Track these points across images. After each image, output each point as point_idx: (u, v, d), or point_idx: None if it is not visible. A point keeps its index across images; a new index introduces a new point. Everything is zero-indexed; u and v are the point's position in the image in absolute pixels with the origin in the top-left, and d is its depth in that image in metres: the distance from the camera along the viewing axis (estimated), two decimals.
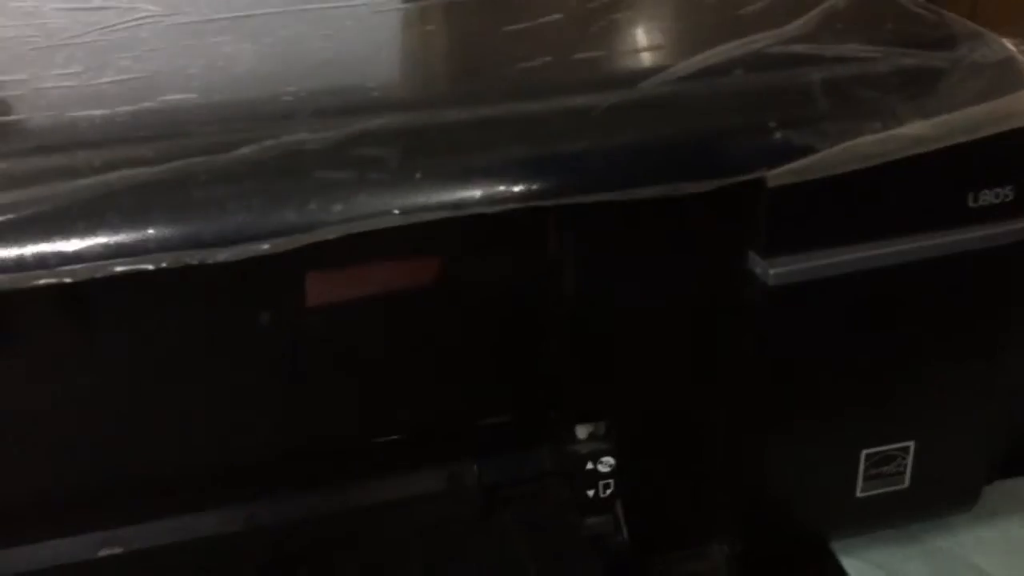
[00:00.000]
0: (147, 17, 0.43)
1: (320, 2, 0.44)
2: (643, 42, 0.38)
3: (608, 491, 0.41)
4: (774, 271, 0.34)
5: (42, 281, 0.28)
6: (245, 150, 0.31)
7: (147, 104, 0.34)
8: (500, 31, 0.40)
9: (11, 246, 0.29)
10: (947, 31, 0.38)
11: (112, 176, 0.30)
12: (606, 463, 0.41)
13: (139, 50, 0.39)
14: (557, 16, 0.41)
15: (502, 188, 0.31)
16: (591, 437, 0.41)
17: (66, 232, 0.29)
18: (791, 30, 0.38)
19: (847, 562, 0.43)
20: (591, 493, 0.41)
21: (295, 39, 0.40)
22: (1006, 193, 0.36)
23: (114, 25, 0.42)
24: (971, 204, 0.35)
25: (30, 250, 0.29)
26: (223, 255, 0.30)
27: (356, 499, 0.42)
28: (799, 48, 0.36)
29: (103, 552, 0.40)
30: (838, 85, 0.35)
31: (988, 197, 0.35)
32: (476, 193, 0.31)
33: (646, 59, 0.36)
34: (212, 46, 0.39)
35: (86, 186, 0.30)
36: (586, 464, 0.41)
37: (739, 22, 0.40)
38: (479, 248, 0.36)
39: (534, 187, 0.32)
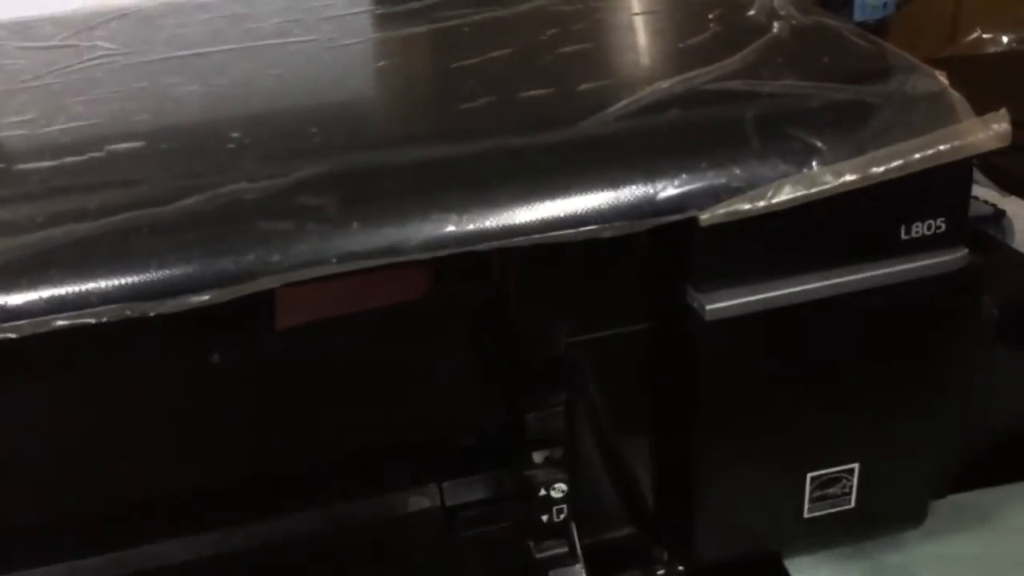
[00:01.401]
0: (103, 56, 0.44)
1: (274, 38, 0.45)
2: (586, 79, 0.38)
3: (562, 516, 0.42)
4: (710, 306, 0.35)
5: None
6: (187, 201, 0.32)
7: (94, 154, 0.35)
8: (448, 68, 0.41)
9: None
10: (882, 64, 0.38)
11: (55, 231, 0.31)
12: (559, 489, 0.42)
13: (92, 93, 0.40)
14: (506, 51, 0.42)
15: (436, 234, 0.32)
16: (546, 462, 0.42)
17: (9, 288, 0.30)
18: (731, 64, 0.39)
19: None
20: (545, 518, 0.42)
21: (245, 79, 0.41)
22: (938, 225, 0.36)
23: (70, 66, 0.43)
24: (903, 236, 0.36)
25: None
26: (164, 307, 0.31)
27: (318, 522, 0.44)
28: (736, 84, 0.37)
29: None
30: (770, 123, 0.35)
31: (920, 229, 0.36)
32: (412, 240, 0.32)
33: (587, 97, 0.37)
34: (163, 89, 0.40)
35: (28, 242, 0.30)
36: (539, 490, 0.42)
37: (682, 55, 0.41)
38: (436, 279, 0.37)
39: (468, 231, 0.33)
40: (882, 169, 0.34)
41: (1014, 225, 0.51)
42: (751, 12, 0.44)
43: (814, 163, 0.35)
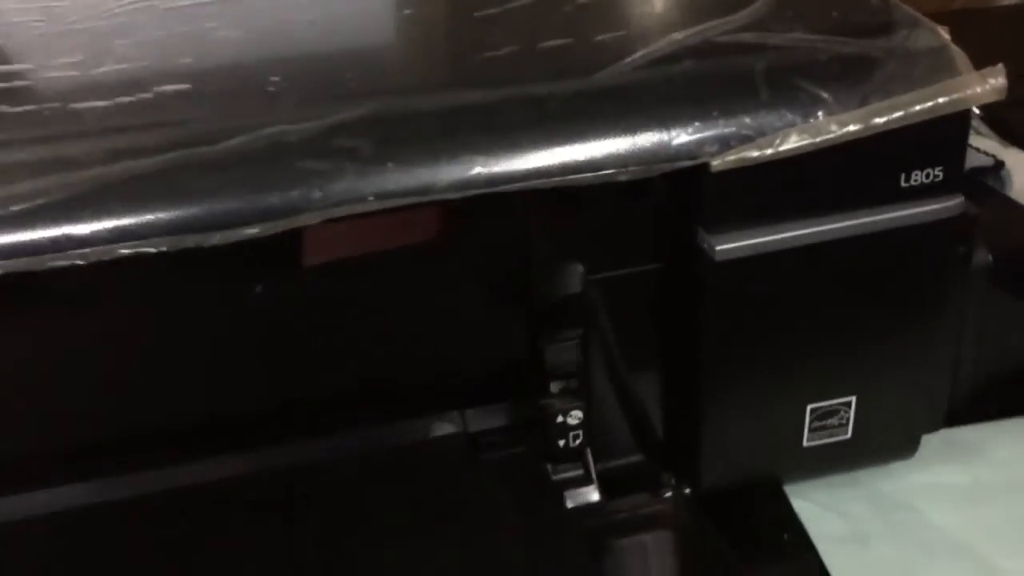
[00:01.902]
0: (144, 1, 0.46)
1: None
2: (604, 31, 0.40)
3: (577, 441, 0.45)
4: (719, 247, 0.38)
5: (58, 264, 0.32)
6: (233, 141, 0.34)
7: (143, 95, 0.37)
8: (472, 16, 0.43)
9: (28, 231, 0.32)
10: (886, 18, 0.40)
11: (115, 167, 0.33)
12: (575, 416, 0.45)
13: (137, 36, 0.42)
14: (528, 1, 0.44)
15: (464, 176, 0.35)
16: (562, 392, 0.45)
17: (74, 219, 0.32)
18: (743, 16, 0.41)
19: (796, 503, 0.47)
20: (562, 443, 0.45)
21: (280, 25, 0.43)
22: (936, 174, 0.39)
23: (112, 10, 0.45)
24: (903, 184, 0.39)
25: (44, 235, 0.32)
26: (217, 239, 0.33)
27: (351, 447, 0.47)
28: (747, 37, 0.39)
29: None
30: (779, 74, 0.37)
31: (919, 177, 0.38)
32: (442, 180, 0.35)
33: (605, 48, 0.39)
34: (204, 33, 0.42)
35: (90, 176, 0.33)
36: (557, 417, 0.45)
37: (697, 7, 0.42)
38: (461, 217, 0.40)
39: (494, 173, 0.35)
40: (883, 120, 0.36)
41: (1012, 176, 0.53)
42: None
43: (820, 113, 0.37)
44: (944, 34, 0.39)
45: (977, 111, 0.72)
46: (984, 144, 0.58)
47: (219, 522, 0.43)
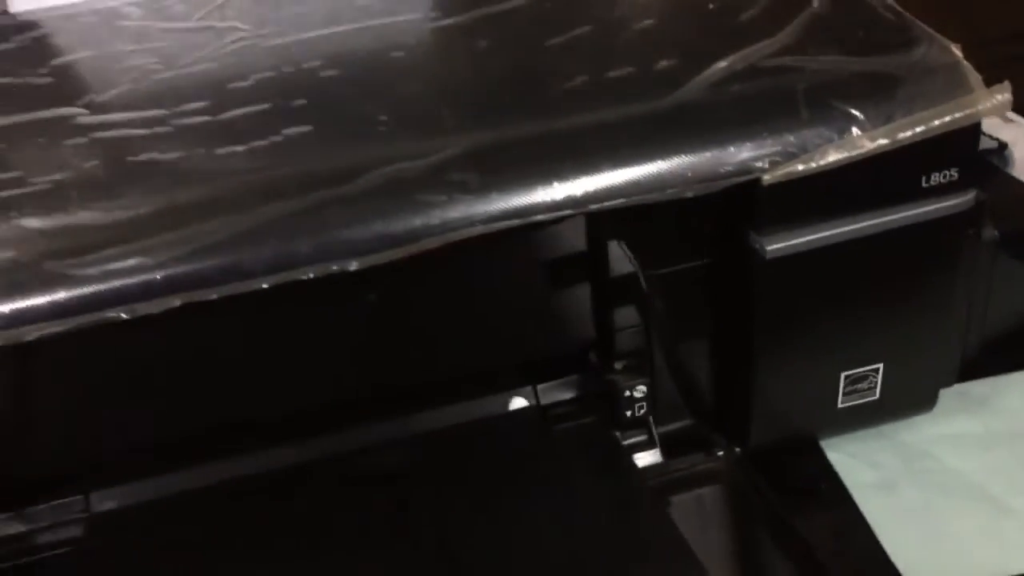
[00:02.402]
0: (243, 39, 0.52)
1: (383, 16, 0.53)
2: (660, 58, 0.46)
3: (642, 411, 0.52)
4: (770, 248, 0.44)
5: (229, 293, 0.39)
6: (361, 180, 0.41)
7: (274, 138, 0.43)
8: (543, 46, 0.48)
9: (202, 265, 0.39)
10: (906, 38, 0.46)
11: (268, 207, 0.40)
12: (640, 390, 0.52)
13: (250, 78, 0.48)
14: (587, 28, 0.49)
15: (555, 199, 0.41)
16: (627, 368, 0.52)
17: (240, 251, 0.39)
18: (781, 39, 0.47)
19: (831, 455, 0.54)
20: (629, 413, 0.52)
21: (372, 60, 0.49)
22: (951, 174, 0.45)
23: (218, 49, 0.51)
24: (924, 184, 0.45)
25: (216, 267, 0.39)
26: (358, 264, 0.40)
27: (440, 423, 0.53)
28: (787, 60, 0.45)
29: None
30: (816, 95, 0.43)
31: (937, 178, 0.45)
32: (537, 206, 0.41)
33: (663, 76, 0.45)
34: (309, 73, 0.48)
35: (254, 215, 0.39)
36: (624, 392, 0.51)
37: (739, 30, 0.48)
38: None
39: (579, 197, 0.41)
40: (908, 134, 0.43)
41: (1014, 155, 0.59)
42: None
43: (853, 129, 0.43)
44: (956, 51, 0.45)
45: None
46: (986, 123, 0.64)
47: (337, 495, 0.50)
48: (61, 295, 0.38)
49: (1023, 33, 0.96)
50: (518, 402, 0.55)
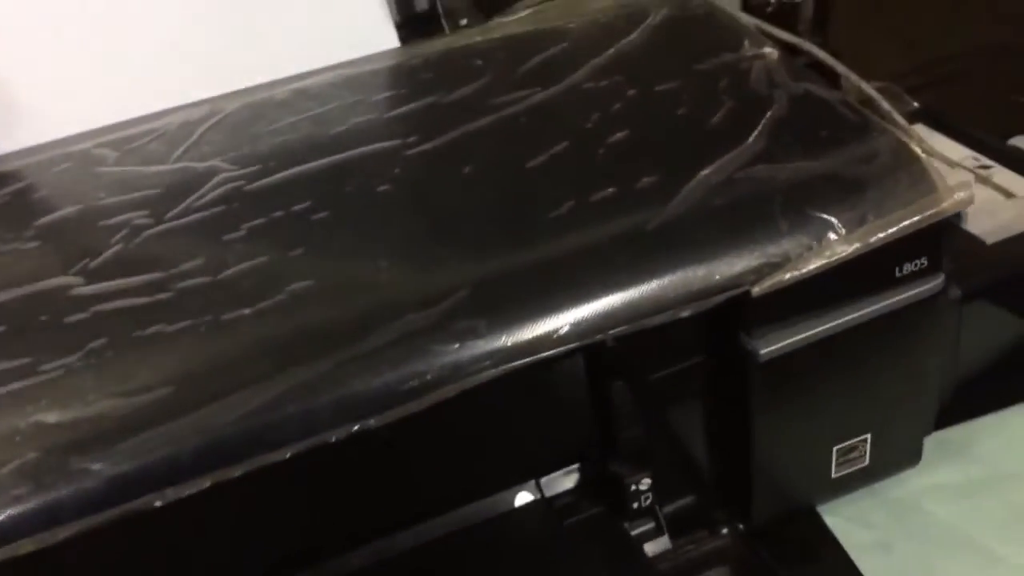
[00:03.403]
0: (228, 181, 0.52)
1: (362, 144, 0.54)
2: (641, 174, 0.48)
3: (647, 501, 0.54)
4: (763, 351, 0.47)
5: (261, 464, 0.40)
6: (374, 337, 0.42)
7: (279, 297, 0.44)
8: (524, 168, 0.50)
9: (232, 440, 0.40)
10: (867, 134, 0.49)
11: (294, 371, 0.41)
12: (645, 482, 0.54)
13: (242, 228, 0.49)
14: (564, 144, 0.51)
15: (561, 335, 0.43)
16: (631, 462, 0.54)
17: (271, 414, 0.40)
18: (750, 147, 0.49)
19: (828, 519, 0.57)
20: (635, 505, 0.54)
21: (360, 197, 0.50)
22: (921, 262, 0.48)
23: (202, 195, 0.51)
24: (897, 274, 0.48)
25: (239, 441, 0.40)
26: (371, 422, 0.41)
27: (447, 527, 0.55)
28: (760, 170, 0.48)
29: None
30: (793, 206, 0.46)
31: (909, 267, 0.48)
32: (545, 343, 0.43)
33: (647, 193, 0.47)
34: (299, 218, 0.49)
35: (271, 385, 0.40)
36: (630, 487, 0.53)
37: (709, 138, 0.50)
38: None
39: (582, 330, 0.43)
40: (882, 235, 0.45)
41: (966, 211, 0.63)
42: (752, 81, 0.54)
43: (829, 234, 0.46)
44: (916, 148, 0.48)
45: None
46: None
47: None
48: (90, 490, 0.38)
49: (958, 54, 1.01)
50: (524, 496, 0.57)
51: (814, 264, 0.45)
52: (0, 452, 0.38)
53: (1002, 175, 0.70)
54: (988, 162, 0.71)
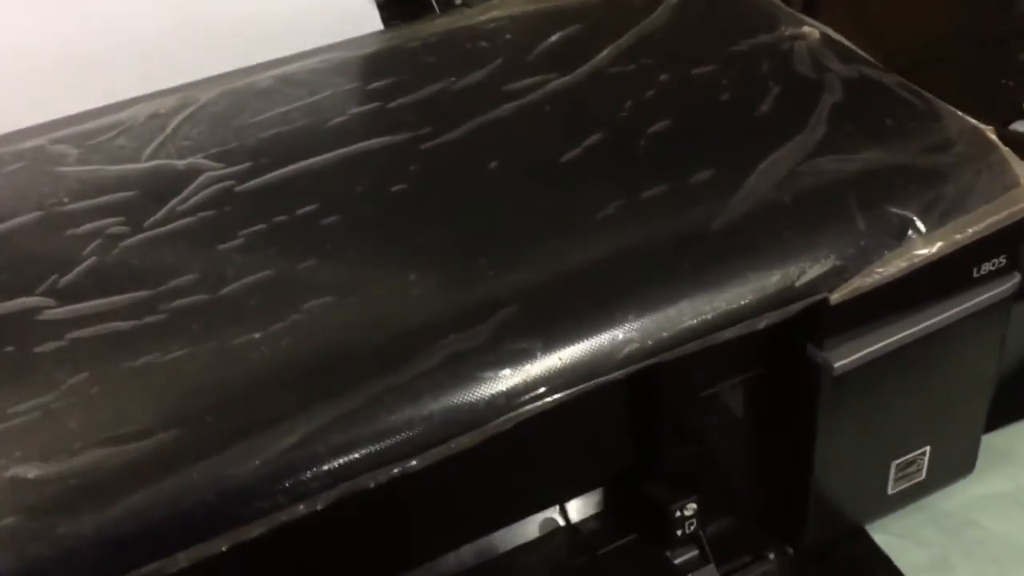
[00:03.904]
0: (215, 181, 0.45)
1: (366, 137, 0.47)
2: (692, 169, 0.43)
3: (692, 528, 0.49)
4: (837, 363, 0.42)
5: (288, 518, 0.33)
6: (415, 363, 0.36)
7: (294, 316, 0.38)
8: (559, 163, 0.44)
9: (251, 494, 0.33)
10: (936, 121, 0.45)
11: (314, 412, 0.34)
12: (690, 508, 0.49)
13: (239, 236, 0.42)
14: (598, 136, 0.46)
15: (623, 355, 0.37)
16: (677, 486, 0.49)
17: (312, 454, 0.34)
18: (810, 136, 0.44)
19: (877, 537, 0.53)
20: (679, 532, 0.49)
21: (374, 198, 0.43)
22: (1000, 261, 0.44)
23: (189, 198, 0.44)
24: (975, 275, 0.44)
25: (260, 495, 0.33)
26: (415, 462, 0.35)
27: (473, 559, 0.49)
28: (826, 162, 0.43)
29: None
30: (870, 203, 0.41)
31: (987, 267, 0.44)
32: (606, 366, 0.37)
33: (702, 192, 0.42)
34: (304, 222, 0.42)
35: (297, 426, 0.34)
36: (674, 512, 0.48)
37: (760, 127, 0.45)
38: None
39: (647, 349, 0.38)
40: (968, 232, 0.41)
41: None
42: (796, 64, 0.49)
43: (910, 232, 0.41)
44: (991, 134, 0.44)
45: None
46: None
47: None
48: (83, 560, 0.32)
49: (934, 41, 0.98)
50: (549, 523, 0.52)
51: (895, 267, 0.40)
52: None
53: None
54: None
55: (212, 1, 0.59)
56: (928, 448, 0.50)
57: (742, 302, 0.39)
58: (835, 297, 0.40)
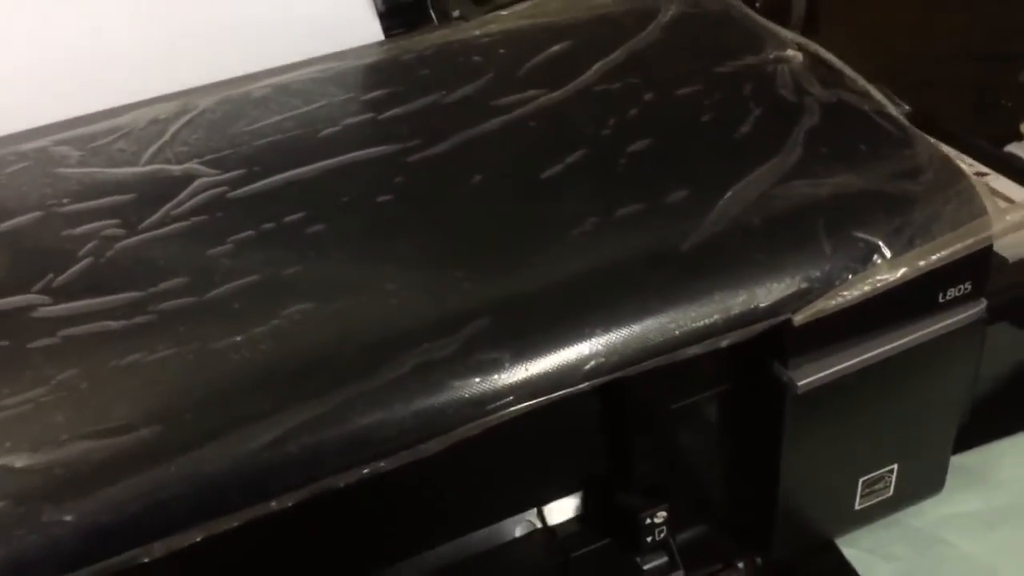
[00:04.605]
0: (208, 187, 0.47)
1: (355, 148, 0.49)
2: (668, 189, 0.44)
3: (662, 535, 0.51)
4: (800, 382, 0.43)
5: (259, 513, 0.35)
6: (387, 370, 0.37)
7: (275, 322, 0.39)
8: (539, 179, 0.46)
9: (228, 488, 0.35)
10: (909, 149, 0.46)
11: (287, 415, 0.36)
12: (660, 516, 0.50)
13: (228, 241, 0.43)
14: (580, 153, 0.47)
15: (590, 369, 0.39)
16: (647, 495, 0.50)
17: (264, 473, 0.35)
18: (785, 159, 0.45)
19: (847, 551, 0.54)
20: (649, 539, 0.50)
21: (359, 209, 0.45)
22: (965, 287, 0.45)
23: (182, 202, 0.46)
24: (940, 300, 0.45)
25: (235, 489, 0.35)
26: (386, 464, 0.37)
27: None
28: (799, 186, 0.44)
29: None
30: (837, 228, 0.43)
31: (953, 292, 0.45)
32: (572, 378, 0.39)
33: (675, 212, 0.43)
34: (292, 229, 0.44)
35: (271, 426, 0.36)
36: (644, 520, 0.50)
37: (738, 150, 0.47)
38: None
39: (613, 363, 0.39)
40: (931, 259, 0.42)
41: None
42: (778, 86, 0.51)
43: (875, 257, 0.42)
44: (962, 166, 0.45)
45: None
46: None
47: None
48: (65, 546, 0.33)
49: (936, 58, 0.99)
50: (526, 526, 0.53)
51: (859, 290, 0.42)
52: None
53: (999, 182, 0.68)
54: (983, 169, 0.69)
55: (223, 7, 0.61)
56: (896, 466, 0.51)
57: (707, 321, 0.41)
58: (798, 318, 0.41)
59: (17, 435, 0.36)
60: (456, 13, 0.64)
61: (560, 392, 0.39)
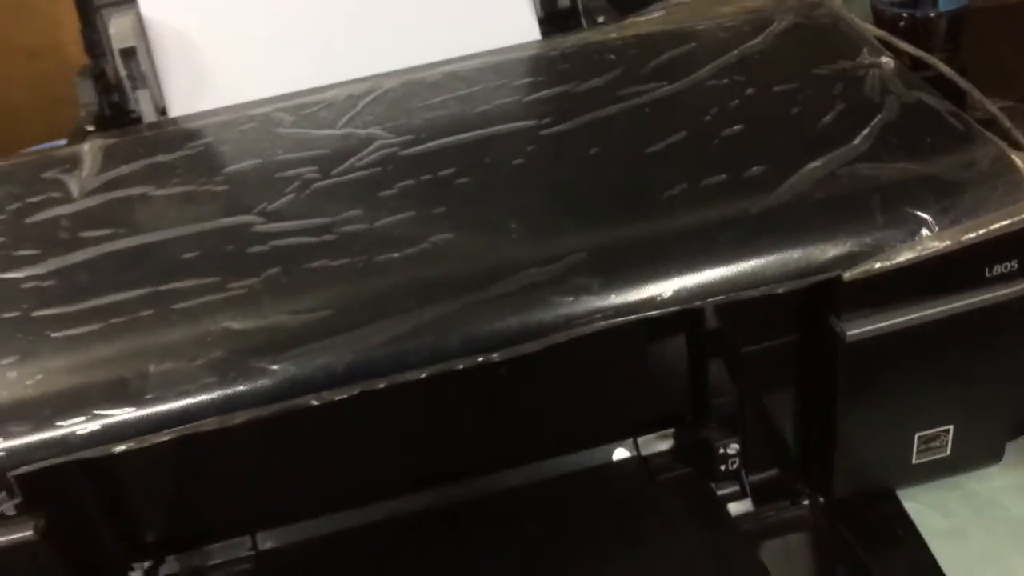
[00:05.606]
0: (384, 147, 0.60)
1: (502, 122, 0.61)
2: (750, 164, 0.53)
3: (734, 465, 0.59)
4: (850, 332, 0.51)
5: (400, 380, 0.47)
6: (499, 284, 0.49)
7: (423, 246, 0.51)
8: (644, 153, 0.56)
9: (378, 359, 0.47)
10: (969, 142, 0.52)
11: (426, 310, 0.48)
12: (733, 447, 0.58)
13: (394, 187, 0.56)
14: (682, 135, 0.57)
15: (667, 297, 0.49)
16: (721, 427, 0.59)
17: (405, 351, 0.47)
18: (856, 146, 0.53)
19: (907, 503, 0.60)
20: (722, 468, 0.59)
21: (498, 168, 0.57)
22: (1012, 265, 0.51)
23: (362, 156, 0.59)
24: (987, 275, 0.51)
25: (383, 360, 0.47)
26: (495, 356, 0.48)
27: (550, 473, 0.61)
28: (862, 168, 0.52)
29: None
30: (890, 202, 0.50)
31: (999, 269, 0.51)
32: (651, 303, 0.48)
33: (752, 183, 0.52)
34: (445, 181, 0.56)
35: (412, 318, 0.48)
36: (719, 449, 0.58)
37: (817, 137, 0.55)
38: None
39: (684, 295, 0.49)
40: (972, 235, 0.49)
41: None
42: (866, 87, 0.58)
43: (923, 231, 0.49)
44: (1016, 159, 0.51)
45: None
46: None
47: (451, 540, 0.57)
48: (262, 387, 0.47)
49: None
50: (621, 453, 0.63)
51: (903, 257, 0.49)
52: (195, 349, 0.47)
53: None
54: None
55: (414, 13, 0.75)
56: (951, 427, 0.57)
57: (767, 271, 0.49)
58: (847, 276, 0.49)
59: (235, 308, 0.49)
60: (601, 19, 0.75)
61: (636, 315, 0.49)
